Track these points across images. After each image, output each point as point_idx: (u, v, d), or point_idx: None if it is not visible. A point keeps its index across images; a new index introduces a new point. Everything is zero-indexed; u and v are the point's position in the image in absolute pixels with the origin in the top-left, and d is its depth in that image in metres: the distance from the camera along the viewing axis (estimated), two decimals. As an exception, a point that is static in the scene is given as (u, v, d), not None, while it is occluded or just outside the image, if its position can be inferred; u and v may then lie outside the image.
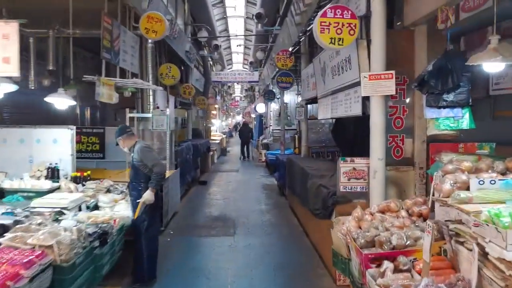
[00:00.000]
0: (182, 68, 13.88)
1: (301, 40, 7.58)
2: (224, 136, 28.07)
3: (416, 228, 3.14)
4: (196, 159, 11.44)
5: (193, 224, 7.32)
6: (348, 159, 4.37)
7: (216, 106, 29.50)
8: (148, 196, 4.55)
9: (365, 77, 4.07)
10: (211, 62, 23.61)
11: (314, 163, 7.38)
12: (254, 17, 11.86)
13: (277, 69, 10.84)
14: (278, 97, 14.19)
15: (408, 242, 2.95)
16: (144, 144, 4.84)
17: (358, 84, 4.38)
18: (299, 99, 10.19)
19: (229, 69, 29.20)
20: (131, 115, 7.94)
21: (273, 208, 8.61)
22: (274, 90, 15.27)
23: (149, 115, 7.65)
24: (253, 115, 35.04)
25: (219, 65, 23.31)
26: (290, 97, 14.76)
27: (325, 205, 4.68)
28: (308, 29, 6.35)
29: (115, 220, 4.49)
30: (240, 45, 21.73)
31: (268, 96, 14.48)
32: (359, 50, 4.26)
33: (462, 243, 2.61)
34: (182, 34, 10.84)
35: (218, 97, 30.68)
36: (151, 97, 7.91)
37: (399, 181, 4.27)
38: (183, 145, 9.88)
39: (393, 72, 3.98)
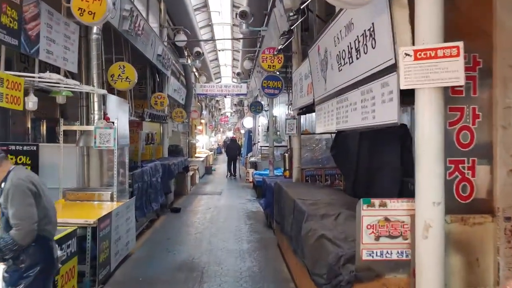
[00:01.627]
0: (157, 76, 12.09)
1: (292, 28, 5.77)
2: (210, 153, 26.16)
3: None
4: (167, 181, 9.51)
5: (144, 277, 5.34)
6: (376, 201, 2.49)
7: (203, 121, 27.66)
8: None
9: (407, 54, 2.26)
10: (196, 74, 21.89)
11: (310, 192, 5.51)
12: (238, 16, 10.18)
13: (264, 75, 9.11)
14: (266, 109, 12.38)
15: None
16: (21, 178, 2.93)
17: (389, 70, 2.56)
18: (290, 110, 8.40)
19: (217, 82, 27.52)
20: (67, 127, 6.07)
21: (257, 249, 6.67)
22: (262, 102, 13.50)
23: (91, 128, 5.77)
24: (242, 131, 33.30)
25: (204, 76, 21.57)
26: (280, 110, 12.98)
27: (333, 275, 2.81)
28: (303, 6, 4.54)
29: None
30: (222, 50, 19.98)
31: (255, 108, 12.66)
32: (393, 10, 2.44)
33: None
34: (152, 34, 9.04)
35: (205, 112, 28.86)
36: (96, 105, 6.04)
37: (467, 242, 2.42)
38: (146, 165, 7.96)
39: (460, 44, 2.18)
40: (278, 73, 8.21)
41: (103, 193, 5.82)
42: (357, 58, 3.16)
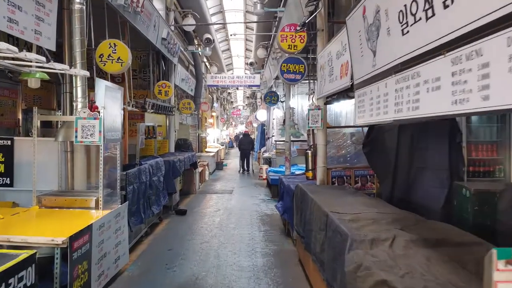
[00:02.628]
0: (163, 64, 11.02)
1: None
2: (222, 147, 25.09)
3: None
4: (171, 180, 8.44)
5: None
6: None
7: (214, 114, 26.59)
8: None
9: None
10: (207, 64, 20.77)
11: (343, 201, 4.36)
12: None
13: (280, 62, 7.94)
14: (282, 100, 11.21)
15: None
16: None
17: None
18: (312, 100, 7.22)
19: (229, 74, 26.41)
20: (44, 118, 5.03)
21: (275, 265, 5.55)
22: (277, 92, 12.32)
23: (72, 118, 4.70)
24: (254, 125, 32.12)
25: (216, 67, 20.45)
26: (298, 101, 11.80)
27: None
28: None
29: None
30: (233, 35, 18.84)
31: (270, 99, 11.48)
32: None
33: None
34: (155, 14, 7.93)
35: (216, 104, 27.77)
36: (79, 90, 4.96)
37: None
38: (145, 163, 6.88)
39: None
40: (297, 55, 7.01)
41: (86, 199, 4.75)
42: (446, 7, 1.99)
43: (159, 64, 10.93)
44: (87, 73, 4.73)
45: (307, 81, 8.21)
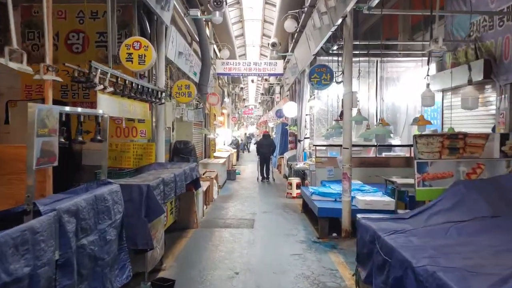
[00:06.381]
0: (146, 22, 6.89)
1: None
2: (234, 150, 20.94)
3: None
4: (141, 226, 4.24)
5: None
6: None
7: (224, 111, 22.44)
8: None
9: None
10: (215, 48, 16.62)
11: None
12: None
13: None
14: (339, 80, 6.95)
15: None
16: None
17: None
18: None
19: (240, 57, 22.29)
20: None
21: None
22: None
23: None
24: (271, 124, 27.87)
25: (228, 50, 16.27)
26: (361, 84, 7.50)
27: None
28: None
29: None
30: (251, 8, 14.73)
31: (319, 77, 7.08)
32: None
33: None
34: None
35: (227, 100, 23.58)
36: None
37: None
38: (67, 198, 2.72)
39: None
40: None
41: None
42: None
43: (141, 22, 6.79)
44: None
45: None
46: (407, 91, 9.45)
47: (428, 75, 5.38)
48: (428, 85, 5.35)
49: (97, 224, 3.12)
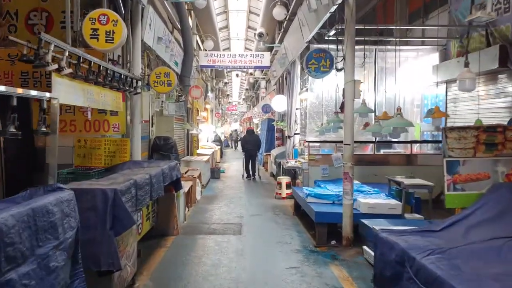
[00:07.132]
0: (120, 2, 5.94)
1: None
2: (217, 147, 20.05)
3: None
4: (107, 241, 3.39)
5: None
6: None
7: (208, 106, 21.49)
8: None
9: None
10: (198, 39, 15.67)
11: None
12: None
13: None
14: (340, 67, 6.15)
15: None
16: None
17: None
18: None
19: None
20: None
21: None
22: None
23: None
24: (256, 121, 27.06)
25: (211, 40, 15.36)
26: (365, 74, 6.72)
27: None
28: None
29: None
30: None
31: (318, 63, 6.22)
32: None
33: None
34: None
35: (211, 95, 22.63)
36: None
37: None
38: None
39: None
40: None
41: None
42: None
43: (115, 0, 5.86)
44: None
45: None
46: (404, 82, 8.78)
47: (468, 51, 4.64)
48: (467, 64, 4.59)
49: (35, 248, 2.25)
